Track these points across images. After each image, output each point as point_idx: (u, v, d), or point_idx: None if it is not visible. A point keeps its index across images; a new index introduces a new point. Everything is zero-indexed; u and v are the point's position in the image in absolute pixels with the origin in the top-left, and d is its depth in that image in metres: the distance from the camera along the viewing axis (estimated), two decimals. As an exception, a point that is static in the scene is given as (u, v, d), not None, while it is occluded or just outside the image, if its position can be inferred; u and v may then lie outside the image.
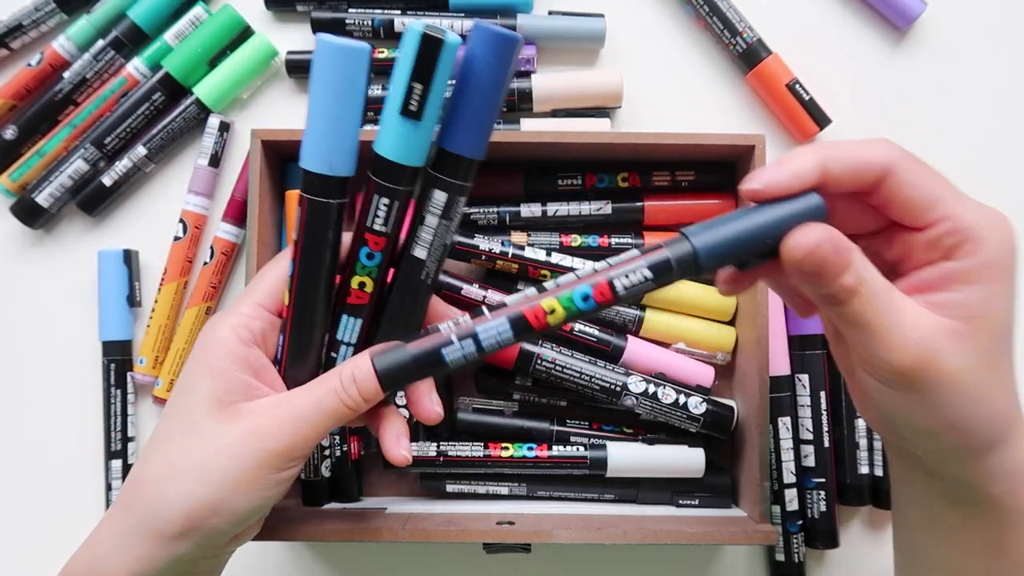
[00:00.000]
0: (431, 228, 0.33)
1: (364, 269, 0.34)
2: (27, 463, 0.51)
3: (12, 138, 0.50)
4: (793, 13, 0.53)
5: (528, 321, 0.31)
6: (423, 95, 0.30)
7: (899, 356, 0.28)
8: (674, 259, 0.29)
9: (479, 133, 0.32)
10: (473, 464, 0.46)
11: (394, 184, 0.32)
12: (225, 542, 0.35)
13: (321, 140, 0.31)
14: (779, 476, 0.49)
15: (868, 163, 0.29)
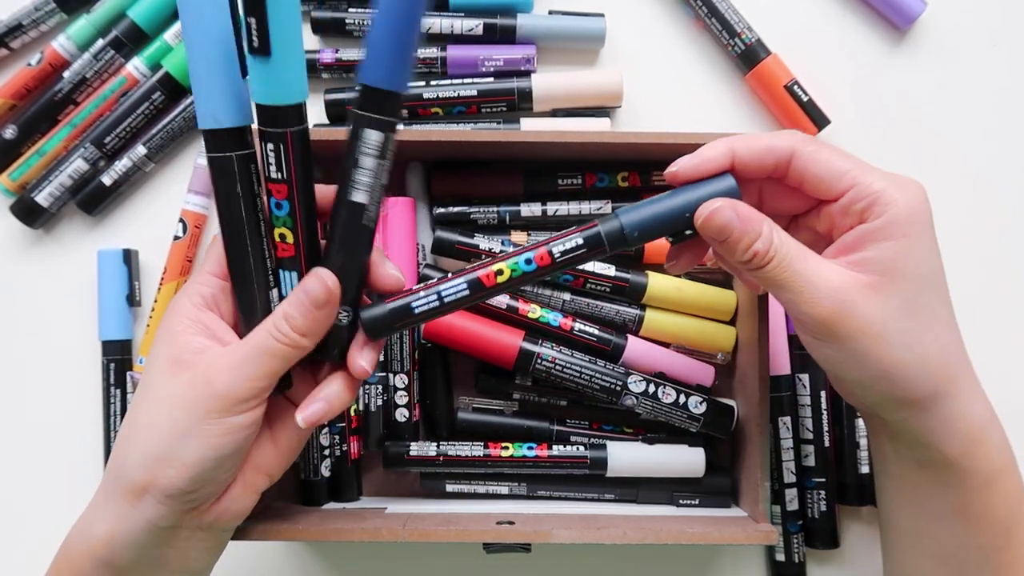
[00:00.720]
0: (369, 170, 0.33)
1: (279, 220, 0.34)
2: (27, 463, 0.51)
3: (12, 137, 0.50)
4: (793, 13, 0.53)
5: (481, 281, 0.34)
6: (262, 29, 0.30)
7: (816, 309, 0.32)
8: (604, 232, 0.34)
9: (400, 64, 0.32)
10: (473, 464, 0.46)
11: (273, 127, 0.32)
12: (198, 504, 0.35)
13: (200, 97, 0.32)
14: (779, 476, 0.49)
15: (771, 147, 0.34)
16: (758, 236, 0.32)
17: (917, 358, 0.32)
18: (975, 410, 0.33)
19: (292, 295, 0.34)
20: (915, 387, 0.32)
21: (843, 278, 0.32)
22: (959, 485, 0.34)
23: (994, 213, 0.52)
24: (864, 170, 0.33)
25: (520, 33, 0.50)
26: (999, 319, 0.52)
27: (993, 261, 0.52)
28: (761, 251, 0.32)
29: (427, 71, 0.51)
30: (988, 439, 0.34)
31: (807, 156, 0.33)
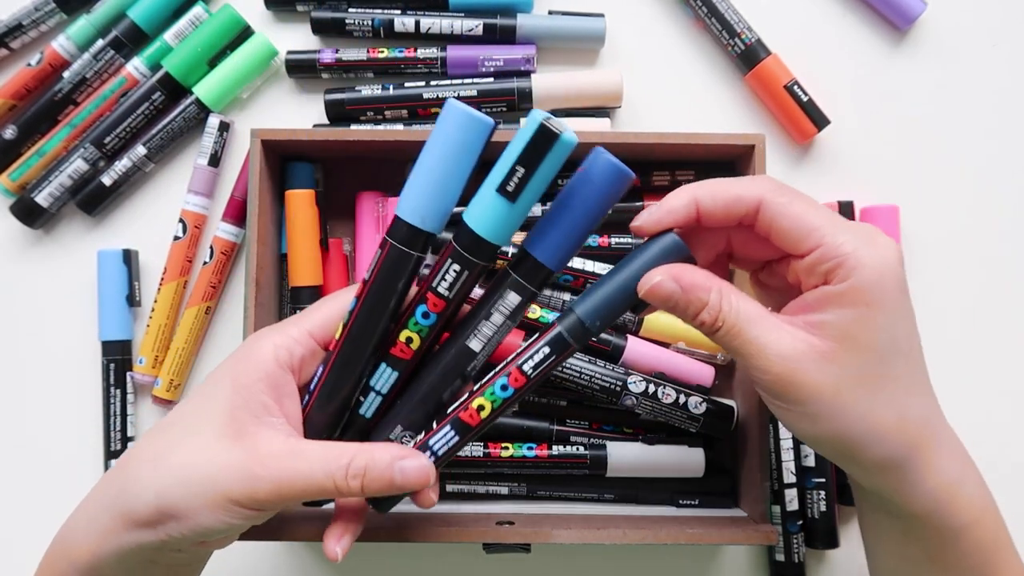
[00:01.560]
0: (494, 326, 0.34)
1: (416, 326, 0.34)
2: (27, 463, 0.51)
3: (12, 138, 0.50)
4: (793, 13, 0.53)
5: (466, 422, 0.35)
6: (523, 179, 0.31)
7: (765, 376, 0.31)
8: (565, 331, 0.33)
9: (567, 249, 0.33)
10: (473, 464, 0.46)
11: (471, 256, 0.33)
12: (190, 545, 0.34)
13: (421, 194, 0.32)
14: (779, 476, 0.49)
15: (737, 197, 0.32)
16: (703, 306, 0.32)
17: (870, 426, 0.31)
18: (942, 471, 0.32)
19: (383, 461, 0.33)
20: (869, 453, 0.31)
21: (796, 344, 0.31)
22: (931, 537, 0.34)
23: (994, 213, 0.52)
24: (834, 229, 0.31)
25: (520, 33, 0.50)
26: (1000, 319, 0.52)
27: (993, 261, 0.52)
28: (708, 321, 0.32)
29: (427, 71, 0.51)
30: (957, 495, 0.33)
31: (775, 209, 0.32)
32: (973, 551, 0.33)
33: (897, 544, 0.36)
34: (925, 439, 0.32)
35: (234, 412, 0.33)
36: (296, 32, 0.52)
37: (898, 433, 0.31)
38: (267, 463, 0.32)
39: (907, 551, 0.35)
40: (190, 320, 0.50)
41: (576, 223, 0.33)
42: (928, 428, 0.32)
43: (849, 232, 0.31)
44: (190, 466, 0.32)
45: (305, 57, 0.51)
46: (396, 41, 0.51)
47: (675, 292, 0.32)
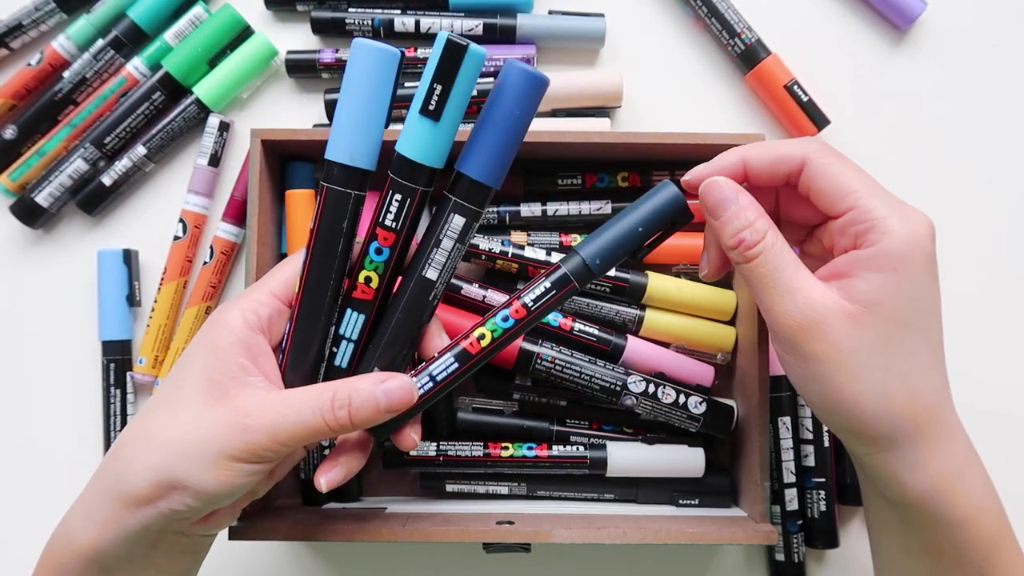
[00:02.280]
0: (446, 251, 0.35)
1: (372, 264, 0.35)
2: (26, 463, 0.51)
3: (12, 138, 0.50)
4: (793, 13, 0.53)
5: (467, 351, 0.36)
6: (442, 96, 0.32)
7: (788, 320, 0.31)
8: (568, 270, 0.35)
9: (499, 163, 0.34)
10: (473, 464, 0.46)
11: (409, 182, 0.34)
12: (193, 521, 0.35)
13: (346, 132, 0.33)
14: (779, 476, 0.49)
15: (783, 156, 0.33)
16: (748, 224, 0.32)
17: (880, 398, 0.31)
18: (945, 458, 0.32)
19: (366, 388, 0.33)
20: (874, 426, 0.31)
21: (826, 299, 0.31)
22: (930, 527, 0.33)
23: (994, 213, 0.52)
24: (870, 193, 0.32)
25: (520, 33, 0.50)
26: (1000, 319, 0.52)
27: (993, 261, 0.52)
28: (748, 241, 0.32)
29: (427, 71, 0.51)
30: (959, 486, 0.32)
31: (817, 168, 0.33)
32: (972, 546, 0.33)
33: (897, 533, 0.36)
34: (932, 422, 0.32)
35: (213, 377, 0.34)
36: (296, 32, 0.52)
37: (907, 409, 0.31)
38: (252, 412, 0.33)
39: (905, 541, 0.35)
40: (190, 320, 0.50)
41: (502, 136, 0.34)
42: (936, 411, 0.32)
43: (884, 199, 0.32)
44: (182, 435, 0.33)
45: (305, 57, 0.51)
46: (396, 41, 0.51)
47: (730, 199, 0.33)
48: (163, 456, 0.33)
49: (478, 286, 0.47)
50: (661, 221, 0.35)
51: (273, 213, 0.47)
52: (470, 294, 0.46)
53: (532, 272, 0.47)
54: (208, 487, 0.32)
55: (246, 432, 0.32)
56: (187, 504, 0.33)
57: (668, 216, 0.35)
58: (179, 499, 0.32)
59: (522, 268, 0.47)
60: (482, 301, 0.46)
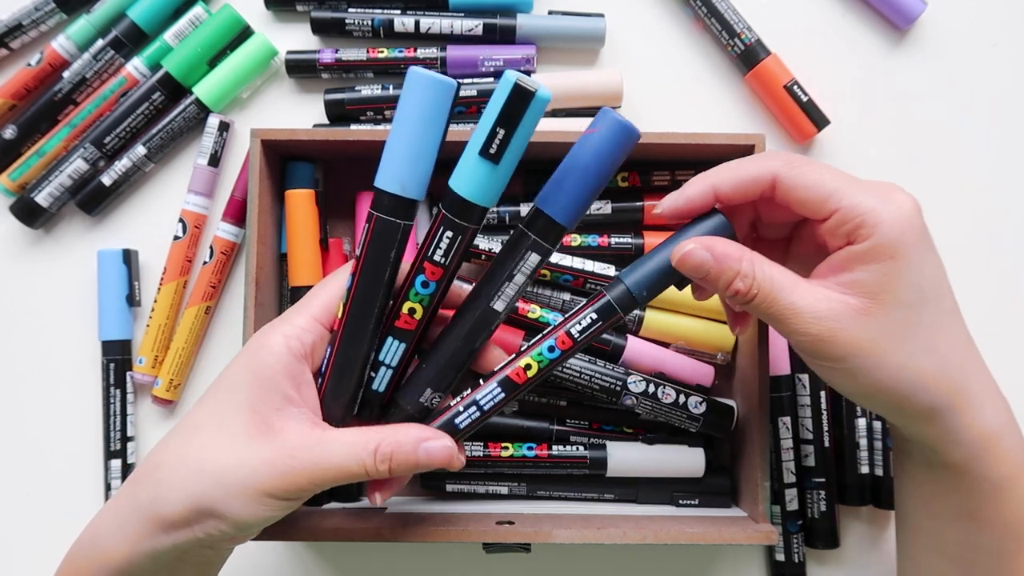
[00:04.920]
0: (516, 286, 0.35)
1: (417, 296, 0.35)
2: (26, 463, 0.51)
3: (12, 138, 0.50)
4: (793, 13, 0.53)
5: (512, 380, 0.36)
6: (504, 140, 0.32)
7: (804, 338, 0.32)
8: (613, 300, 0.35)
9: (580, 208, 0.34)
10: (473, 464, 0.46)
11: (461, 220, 0.34)
12: (224, 541, 0.35)
13: (397, 162, 0.33)
14: (779, 476, 0.49)
15: (750, 177, 0.34)
16: (736, 274, 0.33)
17: (912, 375, 0.32)
18: (985, 419, 0.33)
19: (409, 444, 0.34)
20: (913, 402, 0.32)
21: (831, 304, 0.32)
22: (969, 489, 0.34)
23: (994, 213, 0.52)
24: (850, 190, 0.32)
25: (520, 33, 0.50)
26: (1002, 320, 0.52)
27: (994, 261, 0.52)
28: (742, 289, 0.33)
29: (427, 71, 0.51)
30: (998, 446, 0.33)
31: (789, 181, 0.33)
32: (1011, 507, 0.34)
33: (932, 499, 0.36)
34: (966, 386, 0.33)
35: (257, 407, 0.34)
36: (296, 32, 0.52)
37: (940, 379, 0.32)
38: (297, 455, 0.33)
39: (941, 507, 0.36)
40: (190, 320, 0.50)
41: (586, 181, 0.34)
42: (969, 373, 0.33)
43: (865, 191, 0.32)
44: (222, 466, 0.33)
45: (305, 57, 0.51)
46: (396, 41, 0.51)
47: (707, 260, 0.33)
48: (204, 486, 0.33)
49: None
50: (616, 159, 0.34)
51: (273, 213, 0.47)
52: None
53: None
54: (244, 518, 0.33)
55: (286, 473, 0.33)
56: (221, 531, 0.33)
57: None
58: (214, 525, 0.33)
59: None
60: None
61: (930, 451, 0.34)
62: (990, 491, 0.34)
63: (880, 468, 0.49)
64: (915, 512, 0.38)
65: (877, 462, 0.49)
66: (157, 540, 0.33)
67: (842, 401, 0.49)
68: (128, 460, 0.50)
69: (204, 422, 0.35)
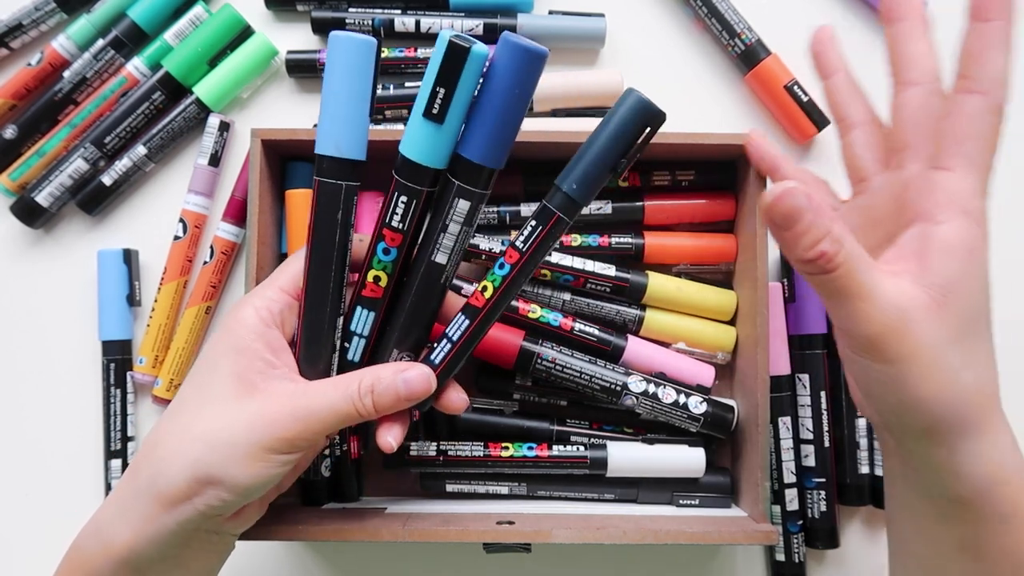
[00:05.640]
0: (453, 235, 0.35)
1: (380, 264, 0.36)
2: (27, 463, 0.51)
3: (12, 137, 0.50)
4: (793, 13, 0.53)
5: (473, 305, 0.37)
6: (445, 99, 0.32)
7: (871, 327, 0.29)
8: (549, 203, 0.35)
9: (501, 144, 0.34)
10: (473, 464, 0.46)
11: (414, 184, 0.34)
12: (226, 516, 0.35)
13: (330, 124, 0.34)
14: (779, 476, 0.49)
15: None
16: (826, 234, 0.28)
17: (956, 390, 0.30)
18: (1000, 449, 0.31)
19: (388, 376, 0.35)
20: (946, 419, 0.30)
21: (905, 295, 0.29)
22: (973, 522, 0.32)
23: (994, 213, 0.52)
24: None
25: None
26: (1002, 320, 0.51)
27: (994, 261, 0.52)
28: (829, 252, 0.28)
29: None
30: (1009, 479, 0.31)
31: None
32: (1016, 543, 0.31)
33: (931, 530, 0.34)
34: (991, 411, 0.31)
35: (240, 374, 0.35)
36: (296, 32, 0.52)
37: (975, 399, 0.30)
38: (287, 403, 0.34)
39: (941, 537, 0.33)
40: (190, 320, 0.50)
41: (501, 116, 0.33)
42: (994, 399, 0.31)
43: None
44: (214, 430, 0.34)
45: (305, 57, 0.51)
46: (396, 41, 0.51)
47: (804, 208, 0.28)
48: (198, 451, 0.33)
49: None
50: (632, 131, 0.33)
51: (273, 213, 0.47)
52: (470, 294, 0.46)
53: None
54: (243, 480, 0.33)
55: (279, 422, 0.33)
56: (222, 499, 0.33)
57: (639, 124, 0.33)
58: (215, 494, 0.33)
59: (522, 268, 0.47)
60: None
61: (938, 479, 0.32)
62: (997, 524, 0.31)
63: (880, 468, 0.49)
64: (910, 539, 0.36)
65: (877, 462, 0.49)
66: (161, 522, 0.34)
67: (842, 401, 0.49)
68: (128, 460, 0.50)
69: (190, 398, 0.35)
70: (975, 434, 0.31)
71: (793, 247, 0.29)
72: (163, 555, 0.35)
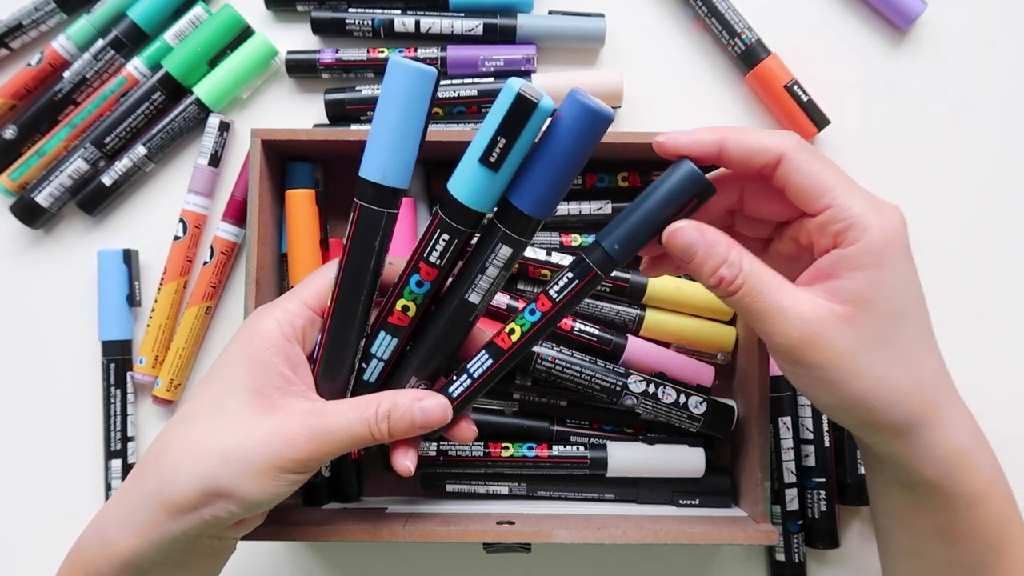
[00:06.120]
0: (490, 278, 0.35)
1: (411, 295, 0.35)
2: (27, 463, 0.51)
3: (12, 138, 0.50)
4: (793, 13, 0.53)
5: (498, 345, 0.36)
6: (505, 149, 0.32)
7: (786, 339, 0.31)
8: (588, 259, 0.34)
9: (553, 198, 0.34)
10: (473, 464, 0.46)
11: (458, 224, 0.34)
12: (230, 524, 0.35)
13: (380, 151, 0.33)
14: (779, 476, 0.49)
15: (761, 147, 0.33)
16: (723, 261, 0.32)
17: (887, 388, 0.32)
18: (955, 436, 0.33)
19: (405, 403, 0.35)
20: (886, 416, 0.32)
21: (815, 308, 0.31)
22: (943, 506, 0.34)
23: (994, 213, 0.52)
24: (847, 191, 0.32)
25: (520, 33, 0.50)
26: (1001, 319, 0.52)
27: (994, 261, 0.52)
28: (727, 277, 0.32)
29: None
30: (969, 463, 0.33)
31: (795, 164, 0.32)
32: (986, 522, 0.34)
33: (908, 517, 0.36)
34: (937, 402, 0.33)
35: (258, 388, 0.34)
36: (296, 32, 0.52)
37: (914, 393, 0.32)
38: (304, 423, 0.34)
39: (918, 524, 0.36)
40: (190, 320, 0.50)
41: (557, 170, 0.33)
42: (940, 390, 0.33)
43: (859, 196, 0.32)
44: (229, 444, 0.33)
45: (305, 57, 0.51)
46: (396, 41, 0.51)
47: (697, 242, 0.32)
48: (212, 465, 0.33)
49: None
50: (680, 201, 0.33)
51: (273, 213, 0.47)
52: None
53: (532, 272, 0.47)
54: (254, 495, 0.33)
55: (294, 443, 0.33)
56: (230, 511, 0.33)
57: (687, 194, 0.33)
58: (223, 507, 0.33)
59: (522, 268, 0.47)
60: (482, 301, 0.46)
61: (902, 469, 0.34)
62: (965, 507, 0.34)
63: (878, 470, 0.49)
64: (892, 529, 0.38)
65: (877, 462, 0.49)
66: (165, 528, 0.33)
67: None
68: (128, 460, 0.50)
69: (205, 407, 0.35)
70: (924, 427, 0.32)
71: (698, 275, 0.33)
72: (165, 560, 0.35)
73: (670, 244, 0.33)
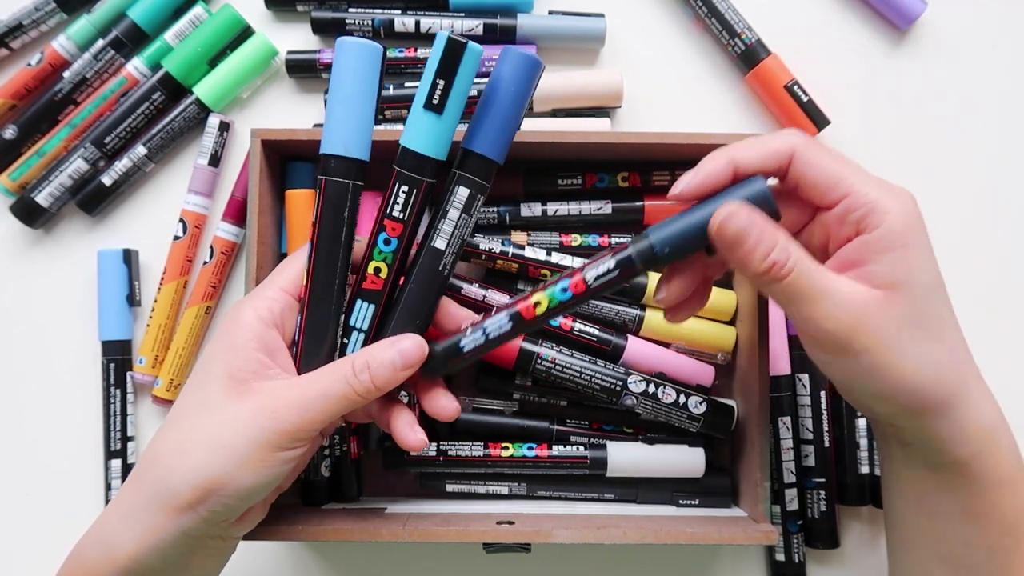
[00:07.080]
0: (452, 221, 0.36)
1: (381, 255, 0.36)
2: (27, 463, 0.51)
3: (12, 138, 0.50)
4: (793, 13, 0.53)
5: (522, 314, 0.36)
6: (445, 90, 0.34)
7: (833, 324, 0.31)
8: (635, 253, 0.34)
9: (501, 138, 0.36)
10: (473, 464, 0.46)
11: (414, 173, 0.35)
12: (231, 521, 0.35)
13: (337, 125, 0.35)
14: (779, 476, 0.49)
15: (772, 151, 0.33)
16: (775, 245, 0.32)
17: (931, 367, 0.32)
18: (986, 413, 0.33)
19: (381, 350, 0.35)
20: (929, 395, 0.32)
21: (857, 291, 0.31)
22: (969, 487, 0.34)
23: (994, 213, 0.52)
24: (860, 178, 0.32)
25: (520, 33, 0.50)
26: (1000, 319, 0.52)
27: (994, 261, 0.52)
28: (780, 260, 0.31)
29: (427, 71, 0.51)
30: (999, 441, 0.34)
31: (806, 159, 0.33)
32: (1010, 504, 0.34)
33: (930, 500, 0.36)
34: (969, 378, 0.33)
35: (234, 374, 0.35)
36: (296, 32, 0.52)
37: (951, 371, 0.33)
38: (281, 394, 0.34)
39: (940, 507, 0.35)
40: (190, 320, 0.50)
41: (502, 114, 0.35)
42: (969, 366, 0.34)
43: (872, 181, 0.32)
44: (215, 435, 0.34)
45: (305, 57, 0.51)
46: (396, 41, 0.51)
47: (749, 225, 0.32)
48: (201, 458, 0.33)
49: (478, 286, 0.47)
50: None
51: (273, 213, 0.47)
52: (470, 294, 0.46)
53: (532, 272, 0.47)
54: (245, 482, 0.33)
55: (276, 418, 0.33)
56: (225, 504, 0.33)
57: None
58: (218, 500, 0.33)
59: (522, 268, 0.47)
60: (482, 301, 0.46)
61: (933, 450, 0.34)
62: (990, 487, 0.34)
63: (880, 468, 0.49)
64: (909, 515, 0.38)
65: (877, 462, 0.49)
66: (166, 529, 0.34)
67: (842, 401, 0.49)
68: (128, 460, 0.50)
69: (191, 403, 0.36)
70: (960, 402, 0.33)
71: (747, 263, 0.32)
72: (167, 562, 0.35)
73: (722, 229, 0.32)
